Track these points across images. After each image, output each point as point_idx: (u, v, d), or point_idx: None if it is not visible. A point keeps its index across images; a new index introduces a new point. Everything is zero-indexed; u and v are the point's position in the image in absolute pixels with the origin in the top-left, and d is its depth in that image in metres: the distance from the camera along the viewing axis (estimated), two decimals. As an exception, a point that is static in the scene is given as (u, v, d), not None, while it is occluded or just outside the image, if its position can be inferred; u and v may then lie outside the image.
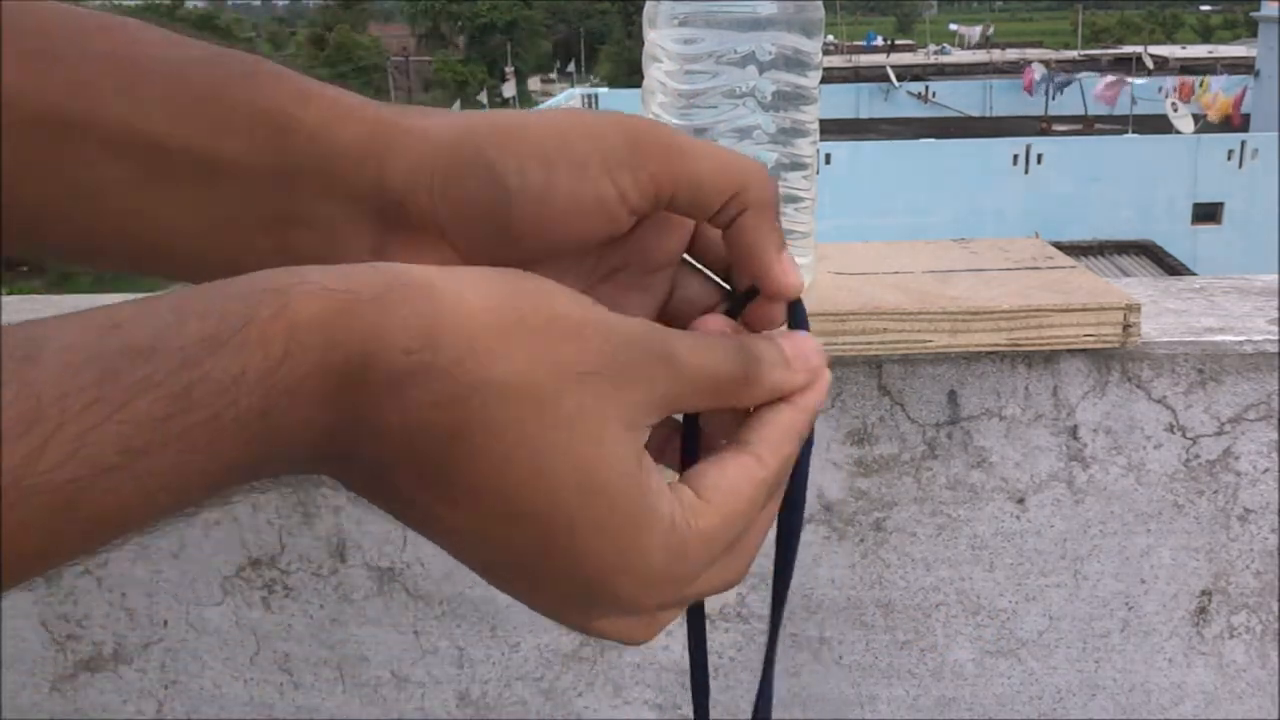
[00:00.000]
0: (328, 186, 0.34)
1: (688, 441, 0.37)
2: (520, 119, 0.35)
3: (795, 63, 0.59)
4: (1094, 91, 19.66)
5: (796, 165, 0.62)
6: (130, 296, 0.28)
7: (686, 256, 0.38)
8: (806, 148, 0.62)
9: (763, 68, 0.59)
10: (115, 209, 0.33)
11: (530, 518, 0.30)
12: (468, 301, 0.29)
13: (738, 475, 0.33)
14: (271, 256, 0.33)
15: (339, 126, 0.34)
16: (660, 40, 0.59)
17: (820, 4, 0.59)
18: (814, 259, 0.67)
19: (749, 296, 0.37)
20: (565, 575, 0.31)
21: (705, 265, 0.38)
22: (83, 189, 0.32)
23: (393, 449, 0.29)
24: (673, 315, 0.38)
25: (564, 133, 0.34)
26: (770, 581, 0.71)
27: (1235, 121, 18.72)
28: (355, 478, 0.31)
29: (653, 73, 0.61)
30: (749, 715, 0.43)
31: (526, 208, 0.33)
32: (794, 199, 0.62)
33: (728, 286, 0.38)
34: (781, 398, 0.35)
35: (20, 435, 0.23)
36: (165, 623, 0.78)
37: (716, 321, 0.36)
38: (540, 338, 0.29)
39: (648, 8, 0.60)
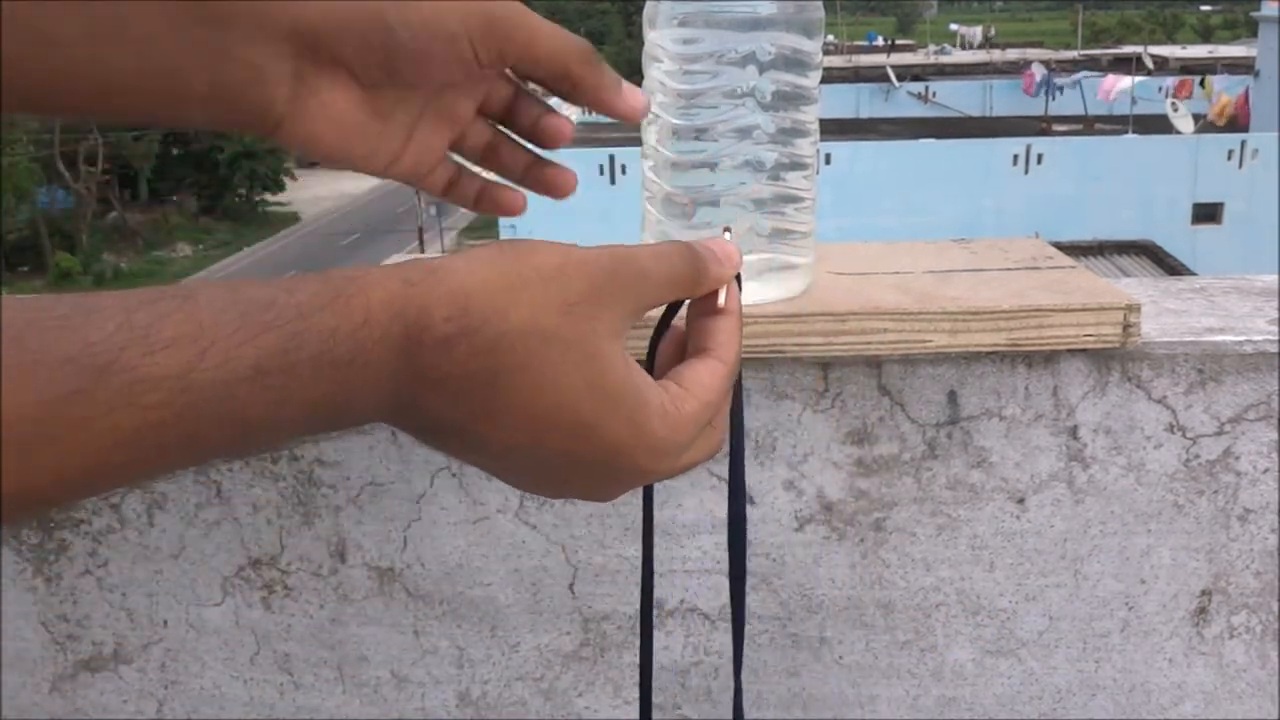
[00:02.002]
0: (254, 30, 0.44)
1: (653, 345, 0.50)
2: None
3: (795, 63, 0.59)
4: (1101, 85, 19.67)
5: (796, 165, 0.62)
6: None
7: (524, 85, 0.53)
8: (806, 148, 0.62)
9: (763, 68, 0.58)
10: (76, 56, 0.42)
11: (560, 423, 0.41)
12: (478, 274, 0.40)
13: (706, 372, 0.45)
14: (207, 101, 0.44)
15: None
16: (660, 40, 0.59)
17: (820, 4, 0.59)
18: (814, 259, 0.67)
19: (676, 308, 0.48)
20: (596, 461, 0.42)
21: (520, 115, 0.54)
22: (48, 41, 0.41)
23: (449, 393, 0.39)
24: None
25: (438, 4, 0.46)
26: (770, 583, 0.72)
27: (1242, 120, 18.71)
28: (419, 424, 0.41)
29: (653, 73, 0.61)
30: (749, 715, 0.44)
31: (406, 41, 0.45)
32: (794, 199, 0.62)
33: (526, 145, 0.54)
34: (719, 310, 0.47)
35: (189, 343, 0.33)
36: (165, 623, 0.78)
37: (677, 333, 0.49)
38: (533, 287, 0.40)
39: (648, 8, 0.60)
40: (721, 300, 0.47)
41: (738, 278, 0.48)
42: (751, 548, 0.74)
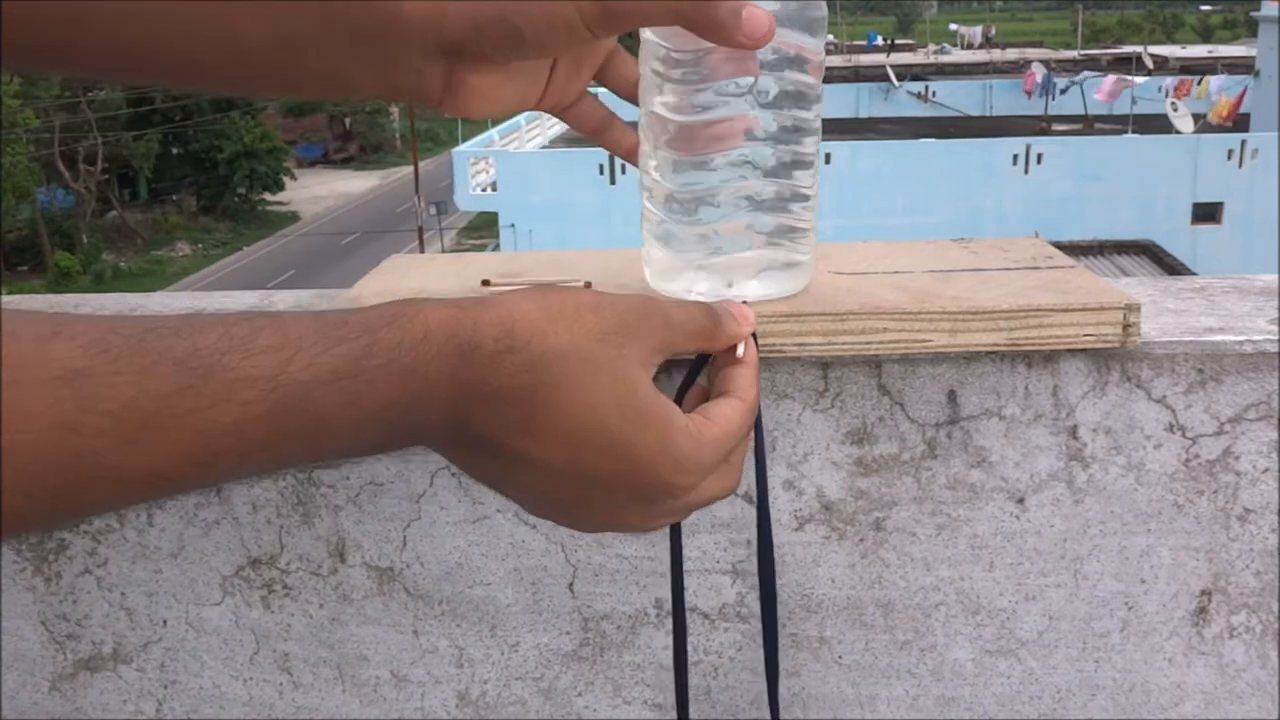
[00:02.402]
0: (409, 44, 0.52)
1: (682, 388, 0.55)
2: None
3: (797, 61, 0.59)
4: (1099, 86, 19.68)
5: (798, 163, 0.62)
6: (130, 294, 0.35)
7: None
8: (808, 146, 0.62)
9: (764, 66, 0.58)
10: (264, 62, 0.51)
11: (594, 439, 0.45)
12: (521, 304, 0.45)
13: (727, 406, 0.51)
14: (375, 92, 0.54)
15: (406, 4, 0.52)
16: (657, 36, 0.59)
17: (823, 2, 0.59)
18: (814, 256, 0.67)
19: (703, 360, 0.55)
20: (626, 479, 0.46)
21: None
22: (242, 51, 0.51)
23: (495, 406, 0.44)
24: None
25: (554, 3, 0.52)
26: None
27: (1230, 118, 18.68)
28: (469, 441, 0.45)
29: (649, 69, 0.61)
30: (749, 715, 0.45)
31: (531, 38, 0.51)
32: (795, 197, 0.62)
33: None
34: (737, 361, 0.53)
35: (278, 351, 0.39)
36: (165, 622, 0.78)
37: (698, 392, 0.55)
38: (572, 318, 0.45)
39: None
40: (740, 353, 0.53)
41: (755, 336, 0.55)
42: (751, 548, 0.74)
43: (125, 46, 0.51)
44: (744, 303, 0.56)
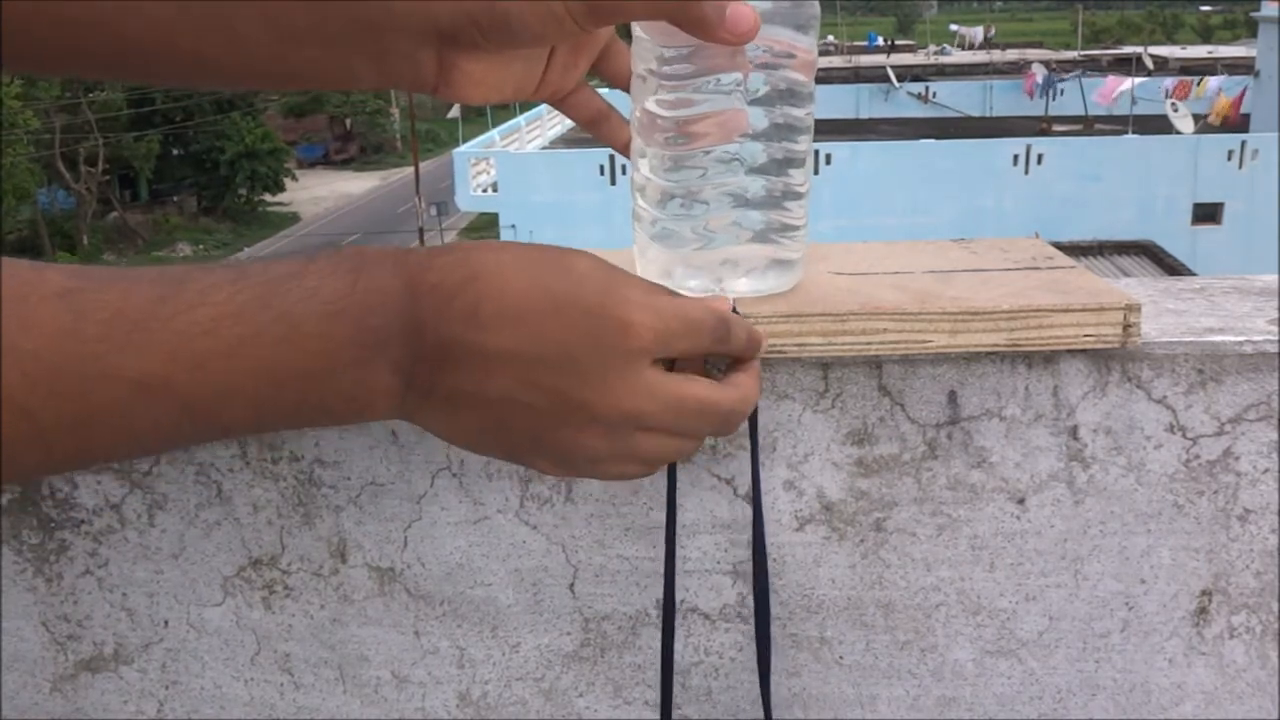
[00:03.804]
0: (405, 32, 0.54)
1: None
2: None
3: (788, 58, 0.59)
4: (1101, 89, 19.68)
5: (791, 161, 0.62)
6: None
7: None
8: (800, 144, 0.62)
9: (755, 63, 0.58)
10: (263, 53, 0.53)
11: (537, 304, 0.48)
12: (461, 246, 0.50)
13: (706, 381, 0.56)
14: (373, 81, 0.56)
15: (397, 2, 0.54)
16: (646, 32, 0.59)
17: (814, 1, 0.59)
18: (804, 254, 0.67)
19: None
20: (581, 330, 0.48)
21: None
22: (240, 40, 0.53)
23: (438, 300, 0.47)
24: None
25: None
26: (770, 584, 0.73)
27: (1233, 121, 18.66)
28: (429, 358, 0.48)
29: (641, 70, 0.61)
30: (749, 715, 0.45)
31: (520, 30, 0.53)
32: (787, 195, 0.62)
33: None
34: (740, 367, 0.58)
35: (237, 266, 0.46)
36: (166, 623, 0.78)
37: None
38: (517, 249, 0.50)
39: None
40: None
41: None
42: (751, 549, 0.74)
43: (131, 45, 0.53)
44: (737, 310, 0.57)
